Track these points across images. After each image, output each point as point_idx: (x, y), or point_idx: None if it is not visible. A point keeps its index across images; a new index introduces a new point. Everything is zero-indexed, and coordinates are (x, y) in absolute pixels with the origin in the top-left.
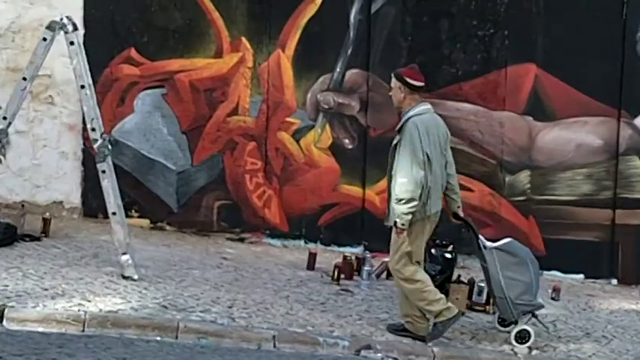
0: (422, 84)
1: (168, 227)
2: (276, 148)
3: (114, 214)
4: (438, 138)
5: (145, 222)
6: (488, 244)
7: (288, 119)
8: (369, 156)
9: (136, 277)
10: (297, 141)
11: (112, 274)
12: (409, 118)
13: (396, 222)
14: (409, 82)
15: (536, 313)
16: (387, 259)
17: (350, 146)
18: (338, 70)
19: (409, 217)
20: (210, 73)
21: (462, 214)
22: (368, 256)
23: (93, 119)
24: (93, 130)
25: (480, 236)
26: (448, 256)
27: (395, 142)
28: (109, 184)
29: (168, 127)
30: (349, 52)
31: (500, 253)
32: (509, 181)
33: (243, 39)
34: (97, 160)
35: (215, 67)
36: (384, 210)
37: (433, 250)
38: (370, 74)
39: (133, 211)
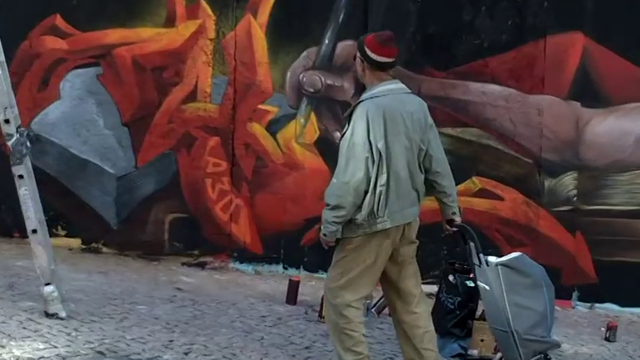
0: (386, 59)
1: (105, 249)
2: (245, 144)
3: (34, 232)
4: (405, 128)
5: (76, 242)
6: (492, 259)
7: (261, 106)
8: None
9: (63, 314)
10: (274, 135)
11: (32, 311)
12: (361, 101)
13: (320, 230)
14: (368, 55)
15: (549, 354)
16: None
17: None
18: (327, 41)
19: (334, 227)
20: (159, 47)
21: (458, 220)
22: None
23: (6, 108)
24: (6, 122)
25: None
26: (470, 284)
27: (343, 131)
28: (27, 194)
29: (105, 118)
30: (341, 18)
31: (508, 272)
32: (550, 186)
33: (203, 2)
34: (12, 162)
35: (166, 38)
36: None
37: (451, 277)
38: None
39: (59, 228)
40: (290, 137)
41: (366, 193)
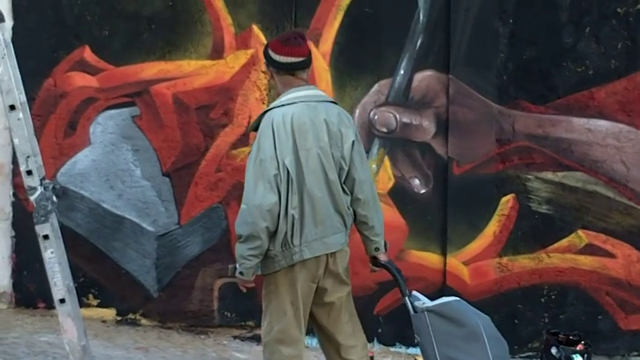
0: (291, 59)
1: (144, 321)
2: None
3: (62, 301)
4: (318, 141)
5: (110, 313)
6: (423, 304)
7: None
8: (453, 205)
9: None
10: None
11: None
12: (266, 111)
13: (235, 269)
14: (271, 58)
15: None
16: None
17: (422, 190)
18: (402, 72)
19: (250, 262)
20: (205, 83)
21: (384, 259)
22: None
23: (28, 157)
24: (28, 173)
25: (415, 293)
26: (577, 357)
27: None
28: (53, 257)
29: (142, 167)
30: (418, 44)
31: (436, 319)
32: None
33: (255, 28)
34: (35, 220)
35: (212, 72)
36: (475, 288)
37: (554, 350)
38: (451, 78)
39: (91, 296)
40: None
41: (278, 217)
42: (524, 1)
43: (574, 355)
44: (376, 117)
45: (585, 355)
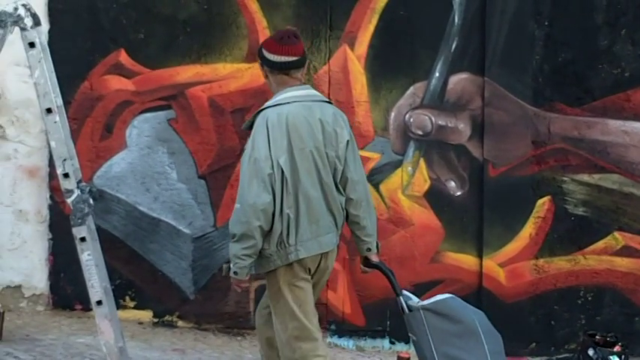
0: (286, 58)
1: (181, 322)
2: None
3: (99, 303)
4: (314, 141)
5: (147, 315)
6: (416, 302)
7: (361, 153)
8: (489, 207)
9: None
10: (377, 186)
11: None
12: (261, 110)
13: (229, 269)
14: (265, 57)
15: None
16: None
17: (458, 192)
18: (437, 75)
19: (245, 262)
20: (240, 85)
21: (375, 259)
22: None
23: (65, 160)
24: (65, 176)
25: (405, 292)
26: (615, 359)
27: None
28: (90, 259)
29: (178, 170)
30: (453, 46)
31: (433, 317)
32: None
33: None
34: (72, 223)
35: (248, 75)
36: (511, 290)
37: (591, 352)
38: (487, 80)
39: (127, 298)
40: (396, 188)
41: (273, 217)
42: (560, 3)
43: (611, 357)
44: (412, 120)
45: (622, 357)
